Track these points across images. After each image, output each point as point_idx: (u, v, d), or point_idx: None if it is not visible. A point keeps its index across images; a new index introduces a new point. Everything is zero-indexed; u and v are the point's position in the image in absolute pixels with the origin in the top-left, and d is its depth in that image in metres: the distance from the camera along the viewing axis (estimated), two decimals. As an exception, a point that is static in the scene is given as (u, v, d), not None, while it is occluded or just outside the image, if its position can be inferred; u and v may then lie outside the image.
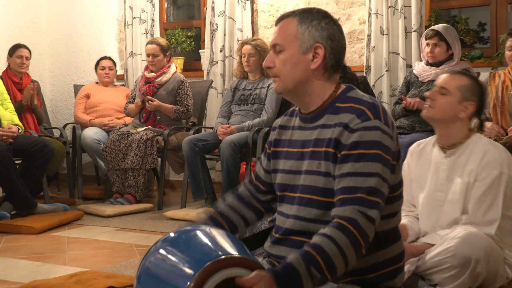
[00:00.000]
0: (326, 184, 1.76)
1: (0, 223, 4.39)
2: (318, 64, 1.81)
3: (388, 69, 5.03)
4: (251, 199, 2.05)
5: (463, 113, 2.74)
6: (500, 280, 2.69)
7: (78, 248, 3.91)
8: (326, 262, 1.58)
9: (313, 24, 1.82)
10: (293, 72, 1.82)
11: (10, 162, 4.50)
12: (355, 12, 5.37)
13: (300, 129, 1.89)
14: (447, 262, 2.56)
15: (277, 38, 1.84)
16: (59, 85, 6.84)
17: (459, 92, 2.73)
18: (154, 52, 5.35)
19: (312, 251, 1.58)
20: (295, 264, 1.56)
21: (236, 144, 4.67)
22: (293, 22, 1.83)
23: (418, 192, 2.88)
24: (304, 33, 1.81)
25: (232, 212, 2.02)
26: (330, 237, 1.60)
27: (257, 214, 2.04)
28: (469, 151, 2.74)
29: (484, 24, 6.82)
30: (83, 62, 6.69)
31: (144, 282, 1.58)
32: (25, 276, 3.23)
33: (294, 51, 1.82)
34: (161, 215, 4.86)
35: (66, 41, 6.76)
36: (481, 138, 2.77)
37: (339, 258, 1.59)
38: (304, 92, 1.84)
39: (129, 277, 2.96)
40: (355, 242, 1.62)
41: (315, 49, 1.81)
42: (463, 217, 2.70)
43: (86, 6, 6.64)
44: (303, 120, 1.89)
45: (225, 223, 1.99)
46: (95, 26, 6.64)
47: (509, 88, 4.04)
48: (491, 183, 2.65)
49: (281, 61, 1.83)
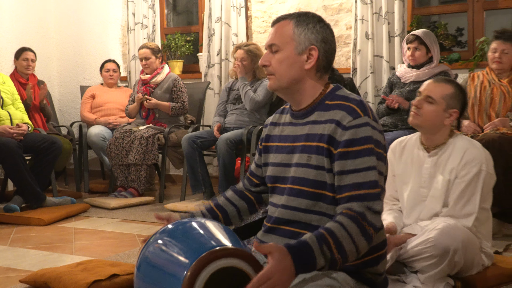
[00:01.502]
0: (317, 177, 1.76)
1: (11, 215, 4.39)
2: (312, 64, 1.82)
3: (372, 71, 5.03)
4: (244, 191, 2.07)
5: (448, 120, 2.74)
6: (477, 268, 2.69)
7: (84, 238, 3.90)
8: (336, 243, 1.58)
9: (309, 27, 1.82)
10: (289, 71, 1.81)
11: (20, 158, 4.50)
12: (342, 18, 5.36)
13: (291, 125, 1.89)
14: (427, 252, 2.56)
15: (274, 38, 1.83)
16: (66, 86, 6.82)
17: (444, 101, 2.73)
18: (146, 56, 5.37)
19: (324, 232, 1.59)
20: (309, 241, 1.57)
21: (232, 141, 4.69)
22: (290, 24, 1.83)
23: (402, 187, 2.87)
24: (300, 35, 1.81)
25: (227, 203, 2.04)
26: (341, 223, 1.62)
27: (248, 204, 2.05)
28: (450, 150, 2.74)
29: (462, 29, 6.83)
30: (89, 64, 6.67)
31: (144, 271, 1.57)
32: (34, 265, 3.23)
33: (290, 52, 1.81)
34: (162, 207, 4.86)
35: (73, 45, 6.74)
36: (461, 138, 2.77)
37: (349, 242, 1.60)
38: (297, 90, 1.84)
39: (132, 265, 2.95)
40: (364, 231, 1.63)
41: (310, 51, 1.81)
42: (443, 210, 2.71)
43: (91, 12, 6.62)
44: (294, 116, 1.89)
45: (220, 213, 2.01)
46: (100, 31, 6.62)
47: (487, 89, 4.05)
48: (470, 179, 2.66)
49: (277, 61, 1.82)
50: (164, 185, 5.32)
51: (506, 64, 4.01)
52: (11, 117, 4.77)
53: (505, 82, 4.00)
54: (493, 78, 4.05)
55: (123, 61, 6.54)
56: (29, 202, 4.58)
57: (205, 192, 4.91)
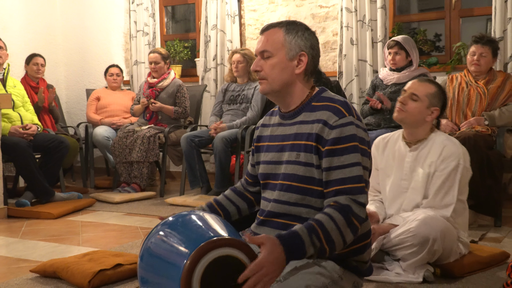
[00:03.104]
0: (305, 173, 1.76)
1: (22, 210, 4.38)
2: (302, 69, 1.82)
3: (357, 74, 5.04)
4: (243, 190, 2.06)
5: (430, 117, 2.76)
6: (454, 256, 2.71)
7: (90, 230, 3.89)
8: (324, 234, 1.58)
9: (299, 35, 1.82)
10: (281, 75, 1.81)
11: (30, 156, 4.49)
12: (329, 25, 5.36)
13: (280, 126, 1.89)
14: (409, 241, 2.57)
15: (266, 45, 1.82)
16: (73, 89, 6.79)
17: (428, 98, 2.74)
18: (155, 60, 5.35)
19: (314, 224, 1.59)
20: (299, 231, 1.57)
21: (227, 139, 4.69)
22: (280, 31, 1.82)
23: (385, 180, 2.88)
24: (291, 42, 1.81)
25: (227, 202, 2.03)
26: (330, 215, 1.62)
27: (248, 204, 2.04)
28: (430, 146, 2.75)
29: (440, 35, 6.85)
30: (93, 69, 6.65)
31: (146, 260, 1.57)
32: (44, 256, 3.22)
33: (282, 57, 1.81)
34: (162, 202, 4.85)
35: (78, 51, 6.71)
36: (440, 135, 2.78)
37: (337, 234, 1.60)
38: (287, 93, 1.84)
39: (135, 255, 2.94)
40: (350, 223, 1.63)
41: (300, 56, 1.81)
42: (424, 202, 2.71)
43: (96, 20, 6.60)
44: (283, 117, 1.89)
45: (221, 211, 2.00)
46: (104, 38, 6.59)
47: (464, 90, 4.06)
48: (449, 173, 2.67)
49: (270, 66, 1.81)
50: (164, 181, 5.31)
51: (483, 67, 4.03)
52: (22, 118, 4.76)
53: (481, 83, 4.01)
54: (470, 80, 4.06)
55: (125, 66, 6.52)
56: (39, 197, 4.57)
57: (203, 187, 4.91)
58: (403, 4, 9.34)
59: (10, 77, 4.91)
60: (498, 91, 3.99)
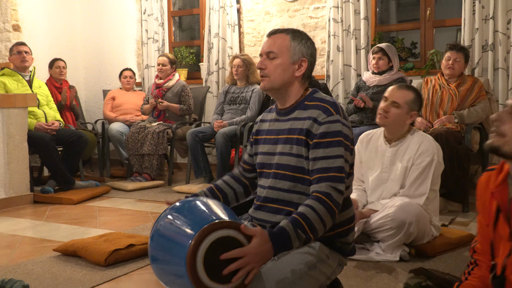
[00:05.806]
0: (297, 163, 1.76)
1: (46, 196, 4.38)
2: (301, 73, 1.82)
3: (343, 78, 5.03)
4: (240, 176, 2.05)
5: (409, 120, 2.76)
6: (427, 237, 2.72)
7: (106, 215, 3.89)
8: (308, 225, 1.58)
9: (303, 42, 1.82)
10: (282, 75, 1.81)
11: (53, 149, 4.49)
12: (318, 34, 5.35)
13: (276, 121, 1.89)
14: (387, 225, 2.58)
15: (273, 47, 1.82)
16: (91, 90, 6.77)
17: (407, 105, 2.74)
18: (163, 62, 5.36)
19: (298, 218, 1.59)
20: (286, 227, 1.56)
21: (228, 135, 4.68)
22: (287, 37, 1.82)
23: (367, 172, 2.89)
24: (295, 48, 1.81)
25: (225, 186, 2.02)
26: (312, 207, 1.61)
27: (244, 188, 2.04)
28: (408, 143, 2.76)
29: (416, 43, 6.85)
30: (109, 72, 6.63)
31: (156, 241, 1.57)
32: (65, 237, 3.22)
33: (286, 60, 1.80)
34: (170, 189, 4.85)
35: (96, 56, 6.69)
36: (417, 133, 2.78)
37: (319, 222, 1.60)
38: (285, 92, 1.84)
39: (146, 236, 2.95)
40: (330, 209, 1.63)
41: (301, 62, 1.82)
42: (401, 191, 2.72)
43: (111, 29, 6.58)
44: (278, 114, 1.89)
45: (220, 195, 1.99)
46: (118, 44, 6.57)
47: (438, 91, 4.07)
48: (424, 167, 2.68)
49: (274, 66, 1.81)
50: (172, 171, 5.31)
51: (457, 71, 4.04)
52: (46, 115, 4.75)
53: (453, 86, 4.02)
54: (443, 82, 4.07)
55: (137, 69, 6.50)
56: (61, 185, 4.56)
57: (206, 177, 4.92)
58: (383, 15, 9.34)
59: (35, 79, 4.90)
60: (468, 93, 4.00)
